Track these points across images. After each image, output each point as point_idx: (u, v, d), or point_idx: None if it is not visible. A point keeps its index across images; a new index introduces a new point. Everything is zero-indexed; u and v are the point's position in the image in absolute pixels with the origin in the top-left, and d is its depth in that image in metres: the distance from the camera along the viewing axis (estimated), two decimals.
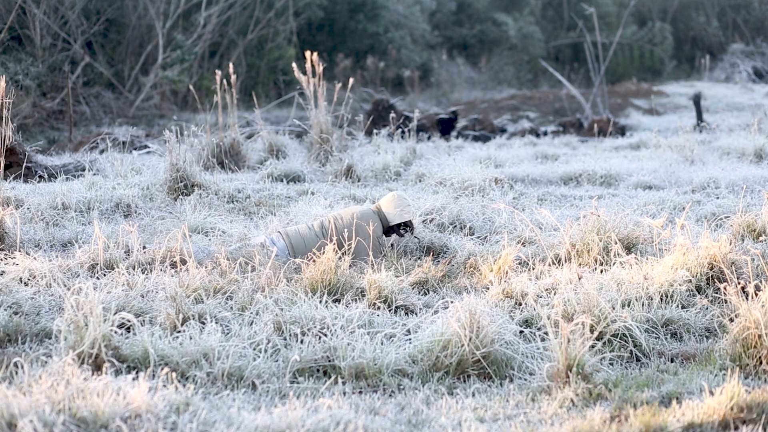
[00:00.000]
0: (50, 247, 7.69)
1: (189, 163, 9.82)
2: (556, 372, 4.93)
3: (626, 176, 11.30)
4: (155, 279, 6.44)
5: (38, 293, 6.38)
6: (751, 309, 5.24)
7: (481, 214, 8.57)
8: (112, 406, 4.38)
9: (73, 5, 20.57)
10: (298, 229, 7.37)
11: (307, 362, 5.18)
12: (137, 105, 21.10)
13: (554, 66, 31.16)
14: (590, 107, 20.13)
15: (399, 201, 7.65)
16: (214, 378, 5.02)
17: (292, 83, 24.23)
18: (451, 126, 17.78)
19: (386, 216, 7.56)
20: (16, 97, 9.73)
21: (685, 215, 7.03)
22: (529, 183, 11.14)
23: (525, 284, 6.31)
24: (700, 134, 15.00)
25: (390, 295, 6.27)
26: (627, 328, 5.57)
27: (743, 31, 34.60)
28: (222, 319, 5.88)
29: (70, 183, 9.99)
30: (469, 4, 32.23)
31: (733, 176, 10.56)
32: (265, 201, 9.61)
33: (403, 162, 12.18)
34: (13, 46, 19.66)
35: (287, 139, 13.13)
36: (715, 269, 6.43)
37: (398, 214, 7.57)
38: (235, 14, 23.97)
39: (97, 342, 4.98)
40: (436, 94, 26.91)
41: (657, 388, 4.98)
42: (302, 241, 7.27)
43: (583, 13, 29.65)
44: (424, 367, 5.22)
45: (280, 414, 4.48)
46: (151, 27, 22.22)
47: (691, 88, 25.79)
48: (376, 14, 27.96)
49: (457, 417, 4.65)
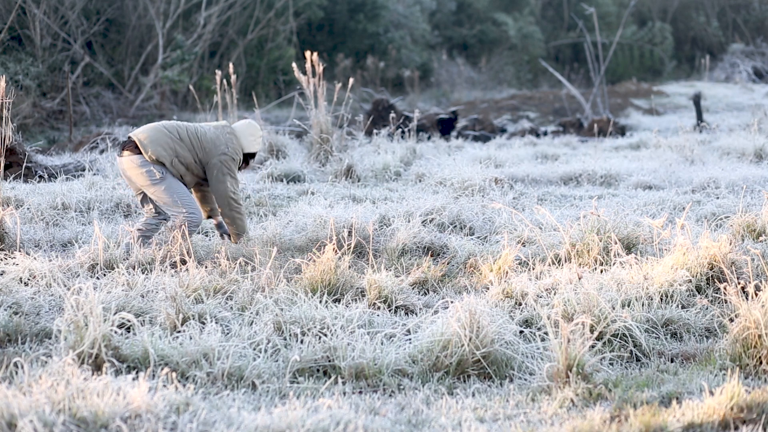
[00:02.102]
0: (50, 247, 7.69)
1: None
2: (556, 372, 4.93)
3: (626, 176, 11.30)
4: (155, 279, 6.44)
5: (38, 293, 6.38)
6: (751, 309, 5.24)
7: (481, 214, 8.57)
8: (112, 406, 4.38)
9: (73, 5, 20.57)
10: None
11: (307, 362, 5.18)
12: (137, 105, 21.10)
13: (554, 66, 31.16)
14: (590, 107, 20.13)
15: (253, 129, 7.69)
16: (214, 378, 5.02)
17: (292, 83, 24.22)
18: (451, 126, 17.78)
19: (242, 144, 7.60)
20: (16, 97, 9.72)
21: (685, 215, 7.03)
22: (529, 183, 11.14)
23: (525, 284, 6.31)
24: (700, 134, 15.00)
25: (390, 295, 6.27)
26: (627, 328, 5.56)
27: (743, 31, 34.60)
28: (222, 319, 5.88)
29: (70, 183, 9.99)
30: (469, 4, 32.23)
31: (733, 176, 10.56)
32: (265, 201, 9.61)
33: (403, 162, 12.18)
34: (13, 46, 19.66)
35: (287, 139, 13.14)
36: (715, 269, 6.43)
37: (252, 143, 7.65)
38: (235, 14, 23.97)
39: (97, 342, 4.98)
40: (436, 94, 26.91)
41: (657, 388, 4.98)
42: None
43: (583, 13, 29.65)
44: (424, 367, 5.22)
45: (280, 414, 4.48)
46: (151, 27, 22.22)
47: (691, 88, 25.79)
48: (376, 14, 27.96)
49: (457, 417, 4.65)
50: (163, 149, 7.24)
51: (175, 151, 7.29)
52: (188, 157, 7.35)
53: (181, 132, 7.38)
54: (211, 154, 7.39)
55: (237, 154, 7.50)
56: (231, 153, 7.44)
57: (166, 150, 7.25)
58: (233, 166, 7.45)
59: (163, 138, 7.28)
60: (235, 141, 7.52)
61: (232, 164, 7.44)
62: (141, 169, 7.22)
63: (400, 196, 9.87)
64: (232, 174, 7.43)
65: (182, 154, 7.32)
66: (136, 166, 7.22)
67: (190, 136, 7.39)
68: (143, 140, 7.24)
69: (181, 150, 7.31)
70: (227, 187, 7.39)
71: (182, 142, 7.34)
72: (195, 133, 7.42)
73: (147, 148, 7.22)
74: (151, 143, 7.23)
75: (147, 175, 7.22)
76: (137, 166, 7.22)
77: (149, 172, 7.22)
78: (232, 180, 7.42)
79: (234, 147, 7.49)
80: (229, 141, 7.48)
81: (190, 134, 7.40)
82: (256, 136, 7.67)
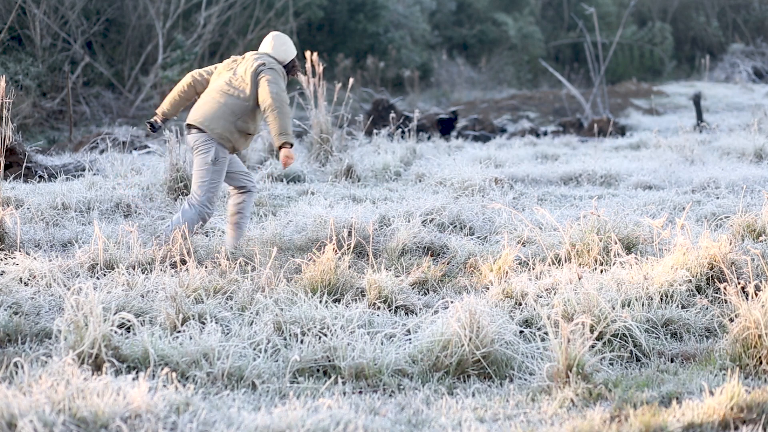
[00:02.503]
0: (50, 247, 7.69)
1: (189, 163, 9.82)
2: (556, 372, 4.93)
3: (626, 176, 11.30)
4: (155, 279, 6.44)
5: (38, 293, 6.38)
6: (751, 309, 5.24)
7: (481, 214, 8.57)
8: (112, 406, 4.38)
9: (73, 5, 20.56)
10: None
11: (307, 362, 5.18)
12: (137, 105, 21.10)
13: (554, 66, 31.15)
14: (590, 107, 20.13)
15: (278, 38, 7.61)
16: (214, 378, 5.02)
17: (292, 83, 24.20)
18: (451, 126, 17.78)
19: (278, 59, 7.54)
20: (16, 97, 9.71)
21: (685, 215, 7.03)
22: (529, 183, 11.13)
23: (525, 284, 6.31)
24: (700, 134, 15.00)
25: (390, 295, 6.27)
26: (627, 328, 5.56)
27: (743, 31, 34.60)
28: (222, 319, 5.88)
29: (70, 183, 9.99)
30: (469, 4, 32.23)
31: (733, 176, 10.56)
32: (265, 201, 9.61)
33: (403, 162, 12.18)
34: (13, 46, 19.66)
35: None
36: (715, 269, 6.43)
37: (285, 52, 7.56)
38: (235, 14, 23.97)
39: (97, 342, 4.98)
40: (436, 94, 26.91)
41: (657, 388, 4.98)
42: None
43: (583, 13, 29.65)
44: (424, 367, 5.22)
45: (280, 414, 4.48)
46: (151, 27, 22.21)
47: (691, 88, 25.78)
48: (376, 14, 27.96)
49: (457, 417, 4.65)
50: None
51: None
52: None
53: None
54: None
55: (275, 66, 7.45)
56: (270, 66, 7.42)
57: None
58: (277, 76, 7.39)
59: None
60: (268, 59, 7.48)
61: (274, 74, 7.39)
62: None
63: (400, 196, 9.87)
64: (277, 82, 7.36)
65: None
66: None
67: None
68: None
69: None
70: (270, 89, 7.30)
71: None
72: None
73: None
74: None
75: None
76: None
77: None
78: (276, 85, 7.33)
79: (269, 62, 7.45)
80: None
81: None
82: (287, 45, 7.62)
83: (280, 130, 7.22)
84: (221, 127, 7.27)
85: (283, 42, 7.59)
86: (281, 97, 7.26)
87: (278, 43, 7.57)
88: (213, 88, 7.44)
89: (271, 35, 7.63)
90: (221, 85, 7.41)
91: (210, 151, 7.25)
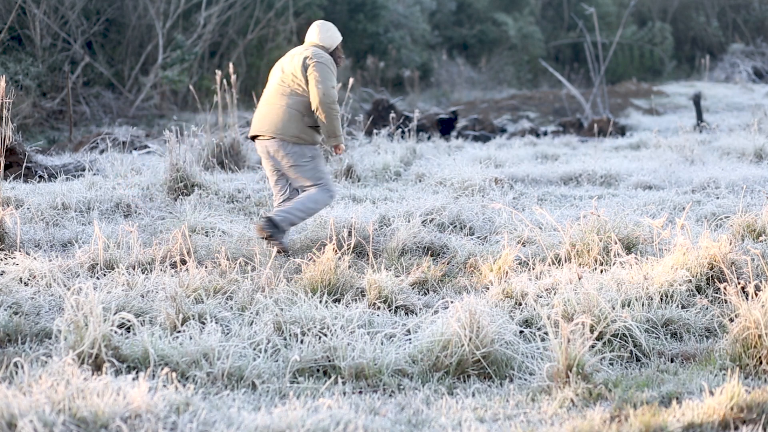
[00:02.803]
0: (50, 247, 7.69)
1: (189, 163, 9.82)
2: (556, 372, 4.93)
3: (626, 176, 11.30)
4: (155, 279, 6.44)
5: (38, 293, 6.38)
6: (751, 309, 5.24)
7: (481, 214, 8.57)
8: (112, 406, 4.38)
9: (73, 5, 20.56)
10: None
11: (307, 362, 5.18)
12: (137, 105, 21.10)
13: (554, 66, 31.16)
14: (590, 107, 20.13)
15: (323, 26, 7.66)
16: (214, 378, 5.02)
17: None
18: (451, 126, 17.78)
19: (325, 47, 7.58)
20: (16, 97, 9.72)
21: (685, 215, 7.03)
22: (529, 183, 11.13)
23: (525, 284, 6.31)
24: (700, 134, 15.00)
25: (390, 295, 6.27)
26: (627, 328, 5.56)
27: (743, 31, 34.60)
28: (222, 319, 5.88)
29: (70, 183, 9.99)
30: (469, 4, 32.24)
31: (733, 176, 10.56)
32: (266, 201, 9.61)
33: (403, 162, 12.18)
34: (13, 46, 19.66)
35: None
36: (715, 269, 6.43)
37: (330, 38, 7.61)
38: (235, 14, 23.97)
39: (97, 342, 4.98)
40: (436, 94, 26.91)
41: (657, 388, 4.98)
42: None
43: (583, 13, 29.65)
44: (424, 367, 5.22)
45: (280, 414, 4.48)
46: (151, 27, 22.22)
47: (691, 88, 25.78)
48: (376, 14, 27.96)
49: (457, 417, 4.65)
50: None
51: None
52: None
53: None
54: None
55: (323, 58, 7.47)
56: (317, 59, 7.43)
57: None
58: (326, 70, 7.41)
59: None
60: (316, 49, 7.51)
61: (324, 68, 7.41)
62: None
63: (400, 196, 9.88)
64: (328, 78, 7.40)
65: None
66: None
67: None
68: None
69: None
70: (318, 90, 7.34)
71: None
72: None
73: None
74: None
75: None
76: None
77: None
78: (323, 84, 7.36)
79: (316, 53, 7.47)
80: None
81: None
82: (332, 31, 7.67)
83: (329, 133, 7.42)
84: (293, 129, 7.38)
85: (328, 29, 7.68)
86: (329, 97, 7.35)
87: (323, 29, 7.66)
88: (270, 93, 7.53)
89: (315, 24, 7.73)
90: (275, 87, 7.51)
91: (298, 153, 7.40)
